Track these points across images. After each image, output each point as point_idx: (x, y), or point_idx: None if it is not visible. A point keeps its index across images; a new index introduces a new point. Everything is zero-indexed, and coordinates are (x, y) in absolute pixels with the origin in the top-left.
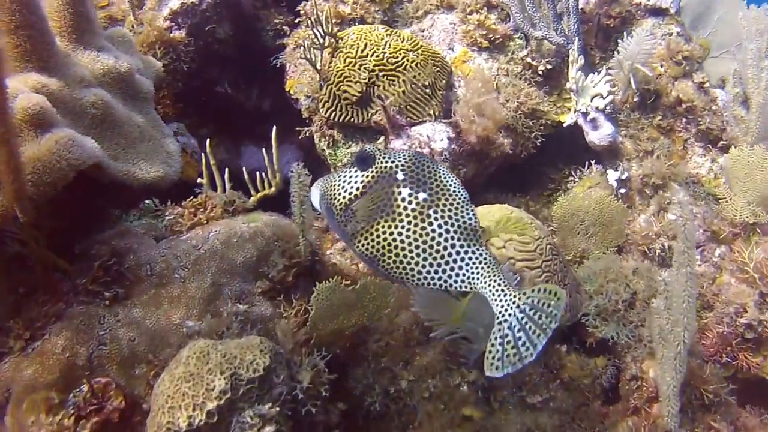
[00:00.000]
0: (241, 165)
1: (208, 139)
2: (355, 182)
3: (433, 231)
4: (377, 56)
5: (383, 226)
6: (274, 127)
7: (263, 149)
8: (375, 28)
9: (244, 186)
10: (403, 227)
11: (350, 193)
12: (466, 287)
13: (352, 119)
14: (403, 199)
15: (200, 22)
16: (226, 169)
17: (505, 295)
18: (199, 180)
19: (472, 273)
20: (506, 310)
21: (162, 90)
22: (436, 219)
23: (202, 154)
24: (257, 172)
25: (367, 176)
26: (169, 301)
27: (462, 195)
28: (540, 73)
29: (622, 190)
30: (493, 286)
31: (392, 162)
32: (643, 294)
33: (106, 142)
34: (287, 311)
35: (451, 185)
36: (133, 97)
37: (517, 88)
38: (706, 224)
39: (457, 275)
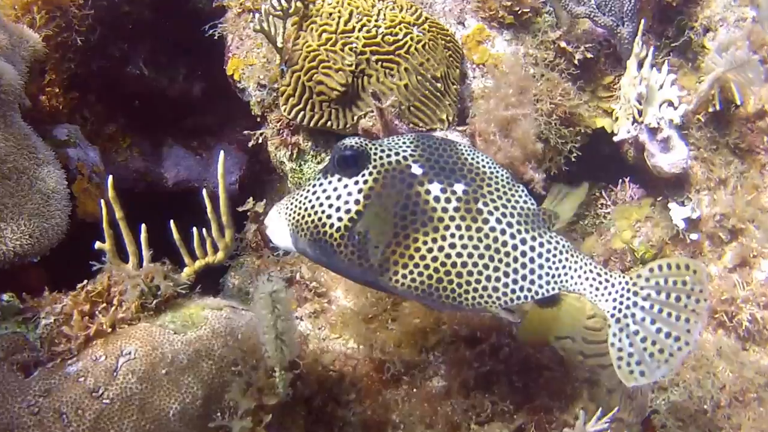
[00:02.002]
0: (162, 174)
1: (110, 177)
2: (349, 194)
3: (493, 230)
4: (368, 32)
5: (425, 243)
6: (222, 152)
7: (204, 195)
8: None
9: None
10: (454, 236)
11: (347, 212)
12: (553, 289)
13: (329, 123)
14: (437, 199)
15: None
16: (143, 227)
17: (612, 285)
18: (98, 245)
19: (558, 268)
20: (622, 304)
21: (47, 74)
22: (490, 213)
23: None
24: (194, 229)
25: (366, 181)
26: None
27: (503, 174)
28: (576, 63)
29: (693, 236)
30: (592, 278)
31: (397, 153)
32: (732, 387)
33: None
34: None
35: (485, 165)
36: None
37: (552, 84)
38: None
39: (540, 277)
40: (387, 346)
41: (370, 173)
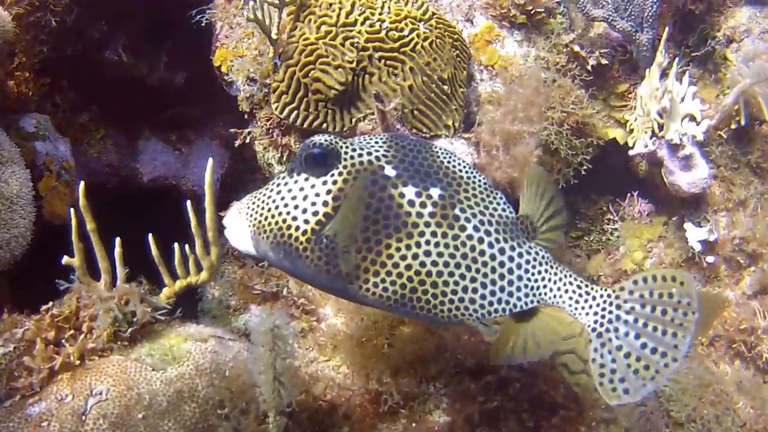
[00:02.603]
0: (137, 168)
1: (82, 184)
2: (317, 195)
3: (470, 238)
4: (371, 26)
5: (398, 249)
6: (210, 160)
7: (188, 207)
8: None
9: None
10: (429, 243)
11: (315, 214)
12: (531, 302)
13: (325, 125)
14: (412, 203)
15: None
16: (117, 241)
17: (593, 298)
18: (66, 260)
19: (537, 280)
20: (604, 317)
21: (17, 57)
22: (467, 220)
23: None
24: (176, 246)
25: (336, 181)
26: None
27: (481, 180)
28: (589, 69)
29: (710, 259)
30: (572, 290)
31: (369, 153)
32: (754, 425)
33: None
34: None
35: (462, 170)
36: None
37: (564, 90)
38: None
39: (519, 289)
40: (384, 375)
41: (340, 173)
